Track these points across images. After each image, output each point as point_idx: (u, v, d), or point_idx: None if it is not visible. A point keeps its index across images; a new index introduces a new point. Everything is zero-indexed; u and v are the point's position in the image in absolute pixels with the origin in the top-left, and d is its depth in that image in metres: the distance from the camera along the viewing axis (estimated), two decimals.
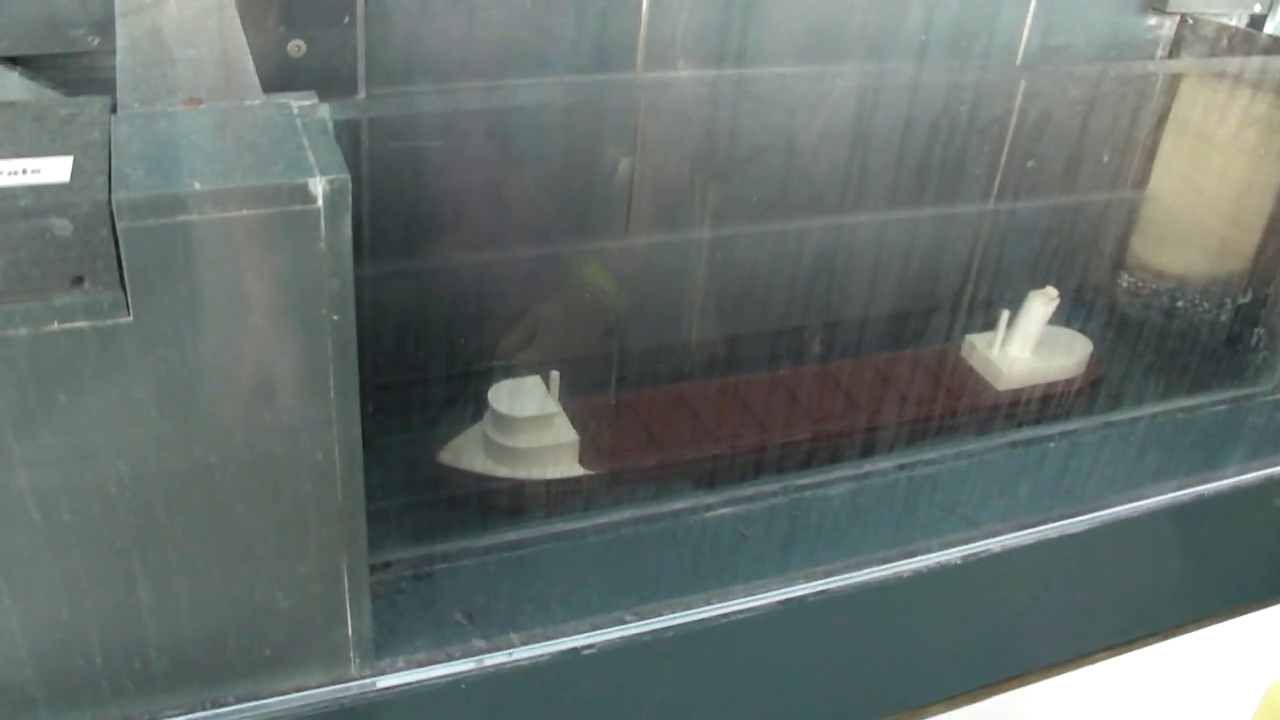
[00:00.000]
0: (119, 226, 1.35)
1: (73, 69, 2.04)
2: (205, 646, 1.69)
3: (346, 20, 2.15)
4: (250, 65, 1.72)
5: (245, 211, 1.39)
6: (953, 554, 2.10)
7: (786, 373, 2.66)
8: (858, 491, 2.24)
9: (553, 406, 2.30)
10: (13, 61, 2.02)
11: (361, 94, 2.22)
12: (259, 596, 1.67)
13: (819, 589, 2.01)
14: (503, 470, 2.27)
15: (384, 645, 1.83)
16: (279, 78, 2.07)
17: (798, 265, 2.72)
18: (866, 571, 2.05)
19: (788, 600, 1.99)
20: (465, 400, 2.32)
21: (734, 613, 1.97)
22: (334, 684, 1.79)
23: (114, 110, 1.55)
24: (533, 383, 2.34)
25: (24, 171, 1.39)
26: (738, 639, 1.96)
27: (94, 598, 1.59)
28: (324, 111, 1.59)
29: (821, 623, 2.01)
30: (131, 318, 1.40)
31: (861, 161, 2.69)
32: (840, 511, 2.18)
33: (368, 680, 1.80)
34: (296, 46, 2.14)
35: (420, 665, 1.84)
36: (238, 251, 1.41)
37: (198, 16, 1.90)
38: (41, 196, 1.33)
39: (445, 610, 1.90)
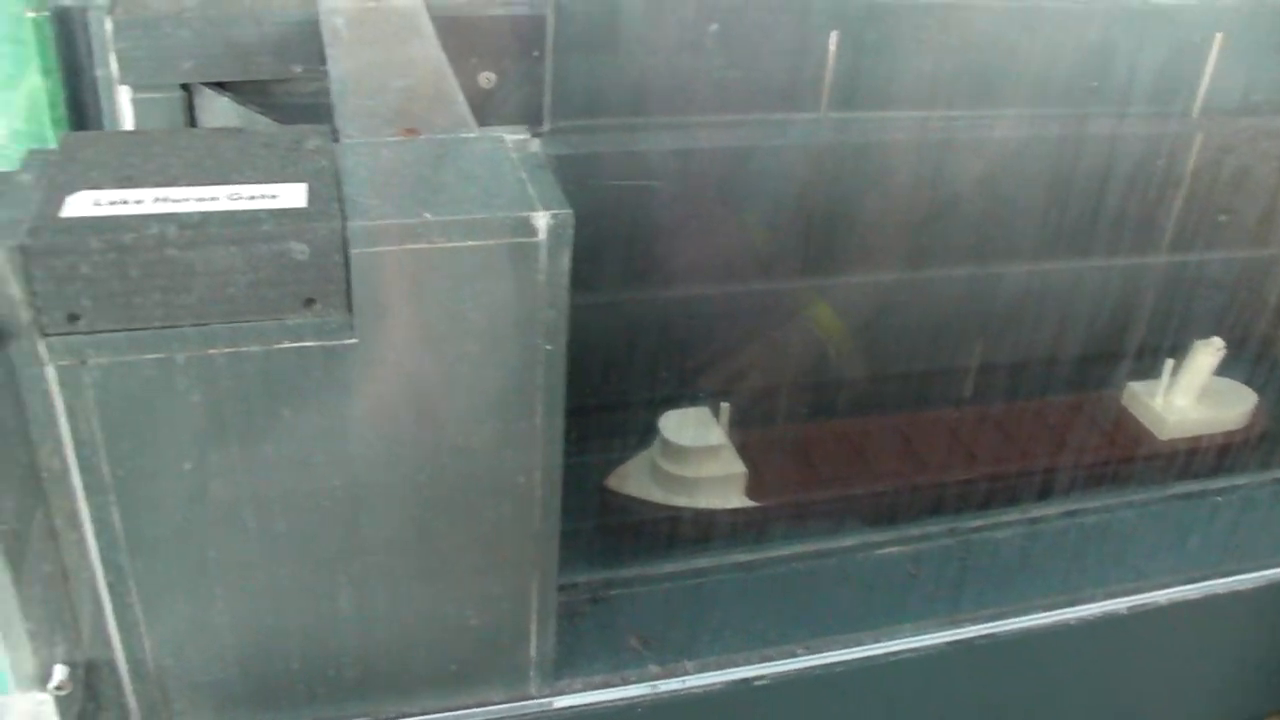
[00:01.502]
0: (352, 252, 1.41)
1: (275, 95, 2.12)
2: (395, 658, 1.75)
3: (536, 54, 2.21)
4: (460, 97, 1.78)
5: (471, 242, 1.44)
6: (1119, 604, 2.10)
7: (950, 413, 2.67)
8: (1025, 536, 2.24)
9: (721, 438, 2.34)
10: (220, 87, 2.10)
11: (546, 126, 2.28)
12: (451, 612, 1.72)
13: (986, 632, 2.02)
14: (669, 498, 2.30)
15: (562, 667, 1.87)
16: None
17: (968, 308, 2.74)
18: (1034, 617, 2.06)
19: (956, 642, 2.00)
20: (634, 429, 2.37)
21: (903, 651, 1.98)
22: (513, 702, 1.83)
23: (335, 139, 1.61)
24: (702, 413, 2.38)
25: (263, 196, 1.45)
26: (906, 677, 1.98)
27: (298, 604, 1.65)
28: (536, 146, 1.64)
29: (988, 666, 2.02)
30: (357, 339, 1.46)
31: (1038, 207, 2.70)
32: (1008, 555, 2.19)
33: (545, 700, 1.85)
34: (487, 78, 2.21)
35: (596, 688, 1.88)
36: (460, 280, 1.46)
37: (404, 47, 1.97)
38: (282, 221, 1.40)
39: (621, 635, 1.94)
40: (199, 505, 1.54)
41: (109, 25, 1.99)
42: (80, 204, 1.42)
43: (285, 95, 2.09)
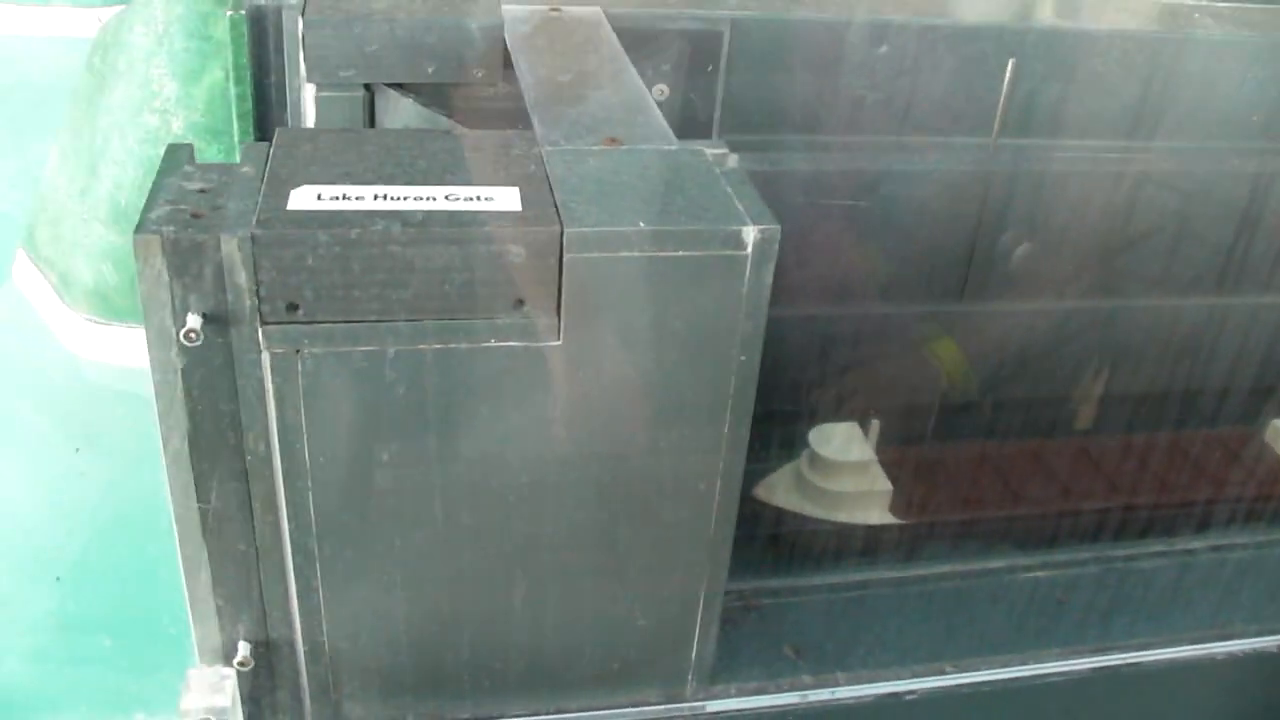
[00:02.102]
0: (566, 257, 1.44)
1: (454, 98, 2.16)
2: (561, 655, 1.78)
3: (710, 69, 2.24)
4: (655, 109, 1.81)
5: (681, 252, 1.48)
6: (1270, 641, 2.10)
7: (1092, 443, 2.68)
8: (1173, 567, 2.25)
9: (869, 454, 2.36)
10: (400, 88, 2.15)
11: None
12: (620, 612, 1.75)
13: (1133, 660, 2.03)
14: (814, 510, 2.33)
15: (718, 672, 1.90)
16: None
17: (1125, 339, 2.75)
18: (1182, 649, 2.06)
19: (1102, 668, 2.01)
20: (781, 440, 2.40)
21: (1049, 675, 2.00)
22: (670, 703, 1.86)
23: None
24: (851, 429, 2.40)
25: (478, 198, 1.50)
26: (1052, 701, 1.99)
27: (474, 596, 1.70)
28: (735, 160, 1.67)
29: (1134, 695, 2.03)
30: (560, 341, 1.50)
31: (1193, 242, 2.71)
32: (1157, 586, 2.19)
33: (699, 704, 1.88)
34: (660, 90, 2.24)
35: (750, 694, 1.90)
36: (666, 289, 1.49)
37: (592, 57, 2.01)
38: (501, 224, 1.44)
39: (774, 643, 1.97)
40: (390, 495, 1.58)
41: (300, 24, 2.04)
42: (304, 198, 1.47)
43: (464, 99, 2.13)
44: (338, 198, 1.47)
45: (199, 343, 1.41)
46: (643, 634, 1.79)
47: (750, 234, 1.49)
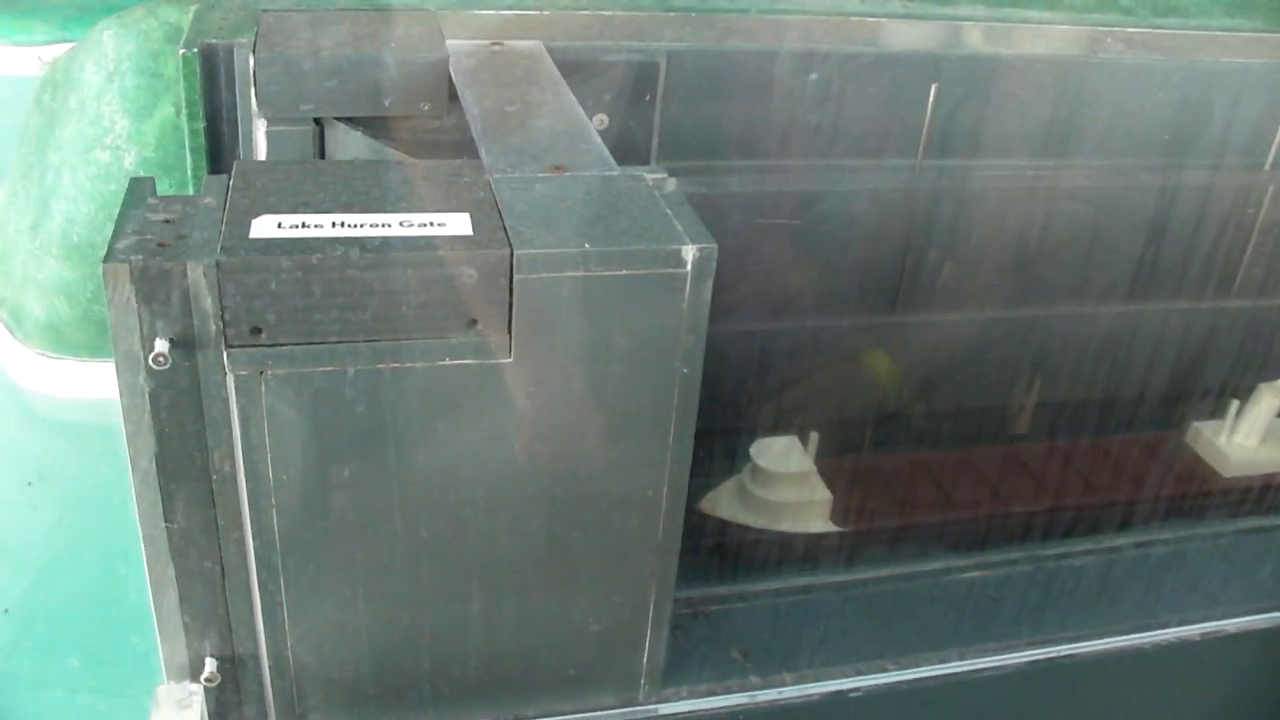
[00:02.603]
0: (516, 278, 1.52)
1: (400, 130, 2.24)
2: (519, 663, 1.85)
3: (648, 98, 2.33)
4: (596, 137, 1.90)
5: (624, 271, 1.56)
6: (1192, 630, 2.20)
7: (1021, 448, 2.78)
8: (1101, 565, 2.34)
9: (809, 465, 2.45)
10: (349, 121, 2.22)
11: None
12: (575, 619, 1.83)
13: (1066, 653, 2.12)
14: (757, 520, 2.42)
15: (669, 675, 1.97)
16: None
17: (1047, 347, 2.86)
18: (1112, 640, 2.16)
19: (1036, 662, 2.10)
20: (724, 454, 2.48)
21: (987, 669, 2.08)
22: (623, 707, 1.94)
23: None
24: (791, 442, 2.49)
25: (431, 224, 1.57)
26: (990, 694, 2.08)
27: (433, 608, 1.76)
28: (673, 184, 1.76)
29: (1068, 686, 2.12)
30: (512, 359, 1.58)
31: (1111, 252, 2.82)
32: (1086, 582, 2.29)
33: (651, 707, 1.95)
34: (600, 119, 2.33)
35: (701, 696, 1.98)
36: (611, 306, 1.58)
37: (534, 89, 2.09)
38: (455, 247, 1.51)
39: (723, 648, 2.05)
40: (350, 511, 1.65)
41: (252, 61, 2.11)
42: (266, 226, 1.54)
43: (412, 131, 2.21)
44: (298, 225, 1.54)
45: (167, 366, 1.48)
46: (596, 640, 1.86)
47: (690, 252, 1.57)
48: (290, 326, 1.50)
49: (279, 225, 1.54)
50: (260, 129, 2.19)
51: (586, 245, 1.54)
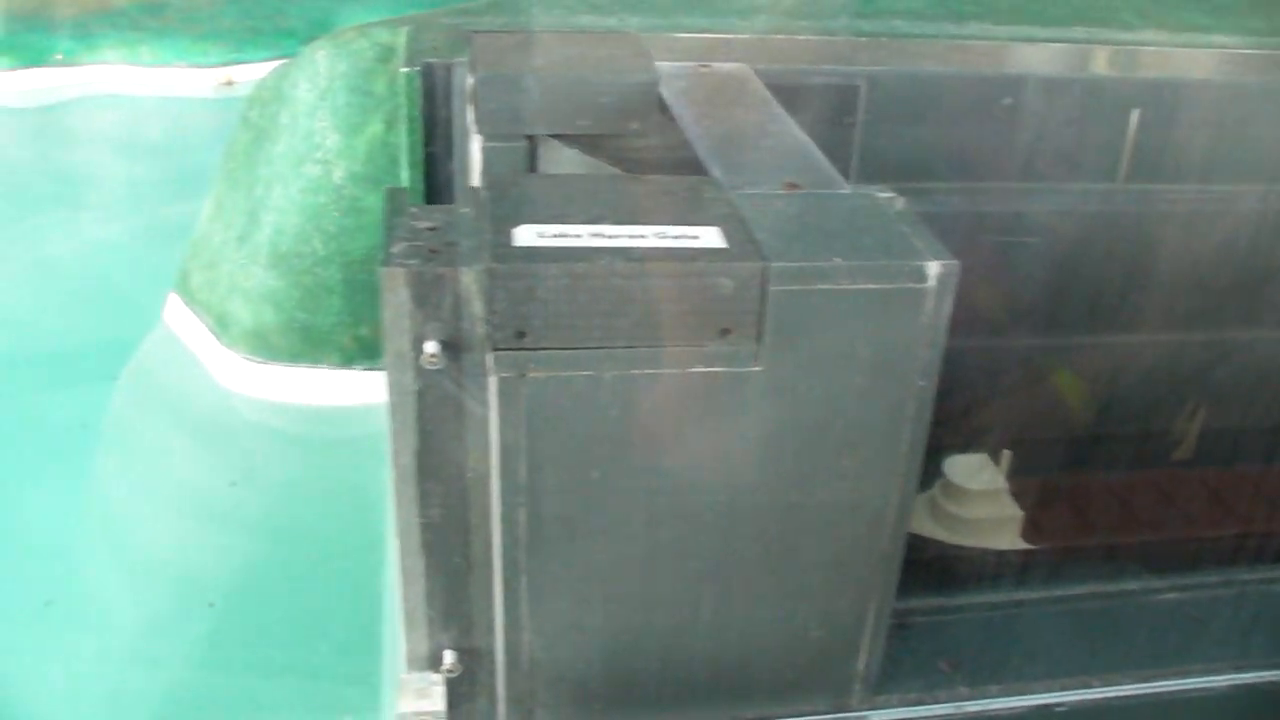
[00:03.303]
0: (770, 289, 1.58)
1: (610, 147, 2.30)
2: (740, 665, 1.90)
3: (848, 121, 2.38)
4: (820, 156, 1.95)
5: (870, 286, 1.61)
6: None
7: (1211, 472, 2.79)
8: None
9: (1000, 482, 2.48)
10: (562, 139, 2.30)
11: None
12: (797, 625, 1.87)
13: (1272, 679, 2.13)
14: (948, 535, 2.45)
15: (882, 683, 2.01)
16: None
17: (1235, 370, 2.86)
18: None
19: (1241, 685, 2.11)
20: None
21: (1191, 690, 2.10)
22: (836, 713, 1.97)
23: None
24: (982, 459, 2.52)
25: (686, 236, 1.63)
26: (1196, 715, 2.09)
27: (665, 610, 1.82)
28: (902, 204, 1.81)
29: (1275, 712, 2.13)
30: (760, 367, 1.63)
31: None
32: None
33: (863, 714, 1.99)
34: None
35: (910, 704, 2.01)
36: (856, 319, 1.62)
37: (750, 109, 2.15)
38: (714, 259, 1.57)
39: (930, 659, 2.08)
40: (596, 512, 1.71)
41: (471, 80, 2.18)
42: (527, 235, 1.61)
43: (619, 149, 2.27)
44: (558, 235, 1.61)
45: (439, 366, 1.55)
46: (816, 645, 1.90)
47: (933, 269, 1.61)
48: (553, 331, 1.57)
49: (539, 235, 1.60)
50: (476, 144, 2.27)
51: (837, 259, 1.59)
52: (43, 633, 2.89)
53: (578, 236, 1.61)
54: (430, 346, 1.55)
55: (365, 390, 2.78)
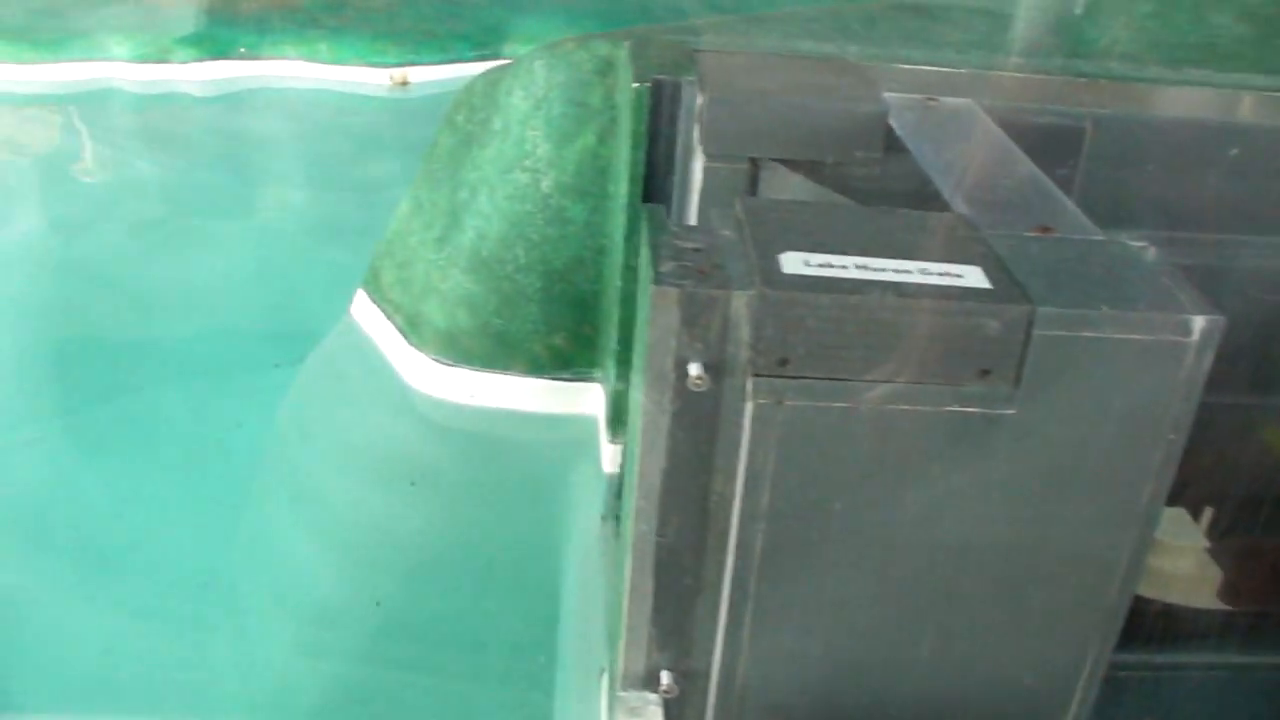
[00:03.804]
0: (1035, 333, 1.56)
1: (833, 175, 2.30)
2: (948, 707, 1.88)
3: (1070, 163, 2.36)
4: (1066, 199, 1.94)
5: (1134, 336, 1.59)
6: None
7: None
8: None
9: (1199, 539, 2.44)
10: (783, 163, 2.30)
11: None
12: (1012, 670, 1.85)
13: None
14: (1145, 589, 2.41)
15: None
16: None
17: None
18: None
19: None
20: None
21: None
22: None
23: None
24: (1180, 514, 2.49)
25: (949, 274, 1.62)
26: None
27: (884, 645, 1.81)
28: (1154, 254, 1.79)
29: None
30: (1014, 411, 1.62)
31: None
32: None
33: None
34: None
35: None
36: (1114, 369, 1.61)
37: (984, 146, 2.14)
38: (982, 299, 1.56)
39: (1136, 713, 2.05)
40: (832, 543, 1.71)
41: (700, 99, 2.19)
42: (794, 263, 1.61)
43: (844, 177, 2.27)
44: (824, 264, 1.61)
45: (704, 389, 1.55)
46: (1028, 694, 1.88)
47: (1198, 323, 1.59)
48: (817, 361, 1.57)
49: (806, 263, 1.60)
50: (698, 163, 2.28)
51: (1104, 308, 1.57)
52: (205, 616, 2.93)
53: (844, 267, 1.61)
54: (695, 368, 1.56)
55: (552, 398, 2.79)
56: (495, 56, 5.99)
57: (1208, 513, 2.47)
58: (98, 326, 4.07)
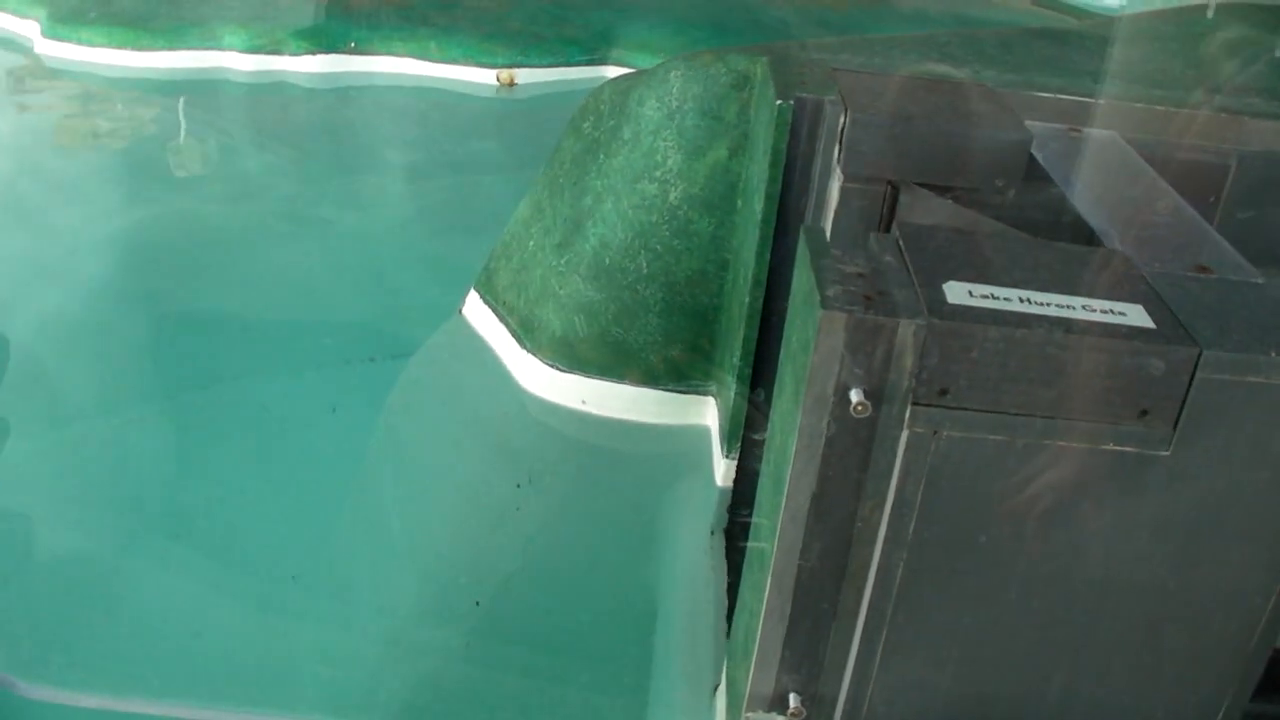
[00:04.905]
0: (1198, 375, 1.55)
1: (973, 202, 2.28)
2: None
3: (1211, 199, 2.34)
4: (1220, 239, 1.91)
5: None
6: None
7: None
8: None
9: None
10: (925, 187, 2.28)
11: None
12: (1143, 712, 1.83)
13: None
14: None
15: None
16: None
17: None
18: None
19: None
20: None
21: None
22: None
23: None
24: None
25: (1113, 312, 1.61)
26: None
27: (1015, 679, 1.80)
28: None
29: None
30: (1169, 452, 1.60)
31: None
32: None
33: None
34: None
35: None
36: (1273, 415, 1.58)
37: (1131, 182, 2.12)
38: (1149, 339, 1.55)
39: None
40: (974, 575, 1.69)
41: (843, 119, 2.18)
42: (958, 293, 1.60)
43: (984, 205, 2.25)
44: (987, 296, 1.59)
45: (866, 415, 1.55)
46: None
47: None
48: (977, 393, 1.56)
49: (970, 293, 1.59)
50: (835, 183, 2.27)
51: (1273, 353, 1.55)
52: (296, 608, 2.95)
53: (1007, 299, 1.60)
54: (856, 394, 1.55)
55: (664, 410, 2.79)
56: (603, 62, 6.04)
57: None
58: (203, 312, 4.11)
